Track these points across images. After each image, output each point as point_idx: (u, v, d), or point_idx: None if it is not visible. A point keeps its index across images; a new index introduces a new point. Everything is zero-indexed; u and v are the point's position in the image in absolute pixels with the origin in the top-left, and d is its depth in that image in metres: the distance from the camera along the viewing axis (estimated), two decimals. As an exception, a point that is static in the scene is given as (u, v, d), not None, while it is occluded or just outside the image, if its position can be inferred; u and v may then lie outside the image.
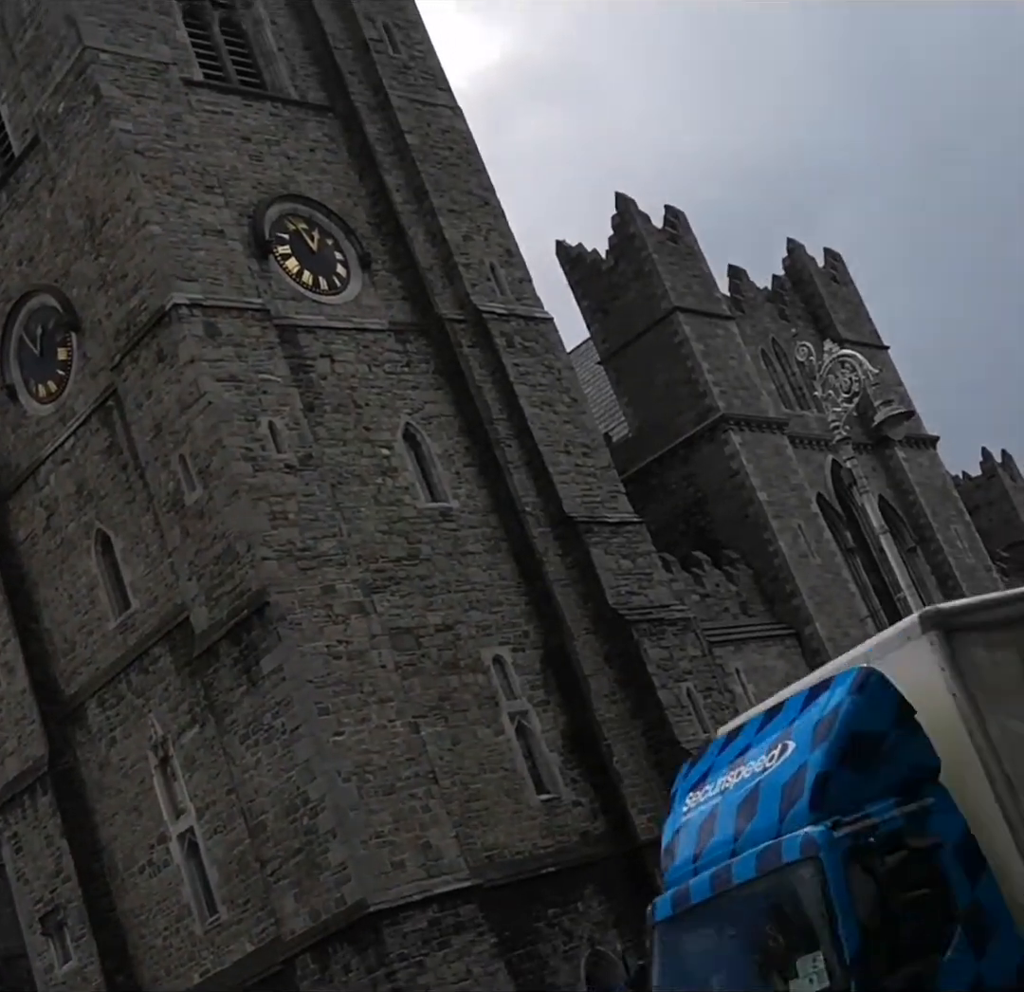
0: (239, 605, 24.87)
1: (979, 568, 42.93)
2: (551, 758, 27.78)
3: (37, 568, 29.60)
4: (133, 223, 26.93)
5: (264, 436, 25.92)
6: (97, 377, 28.20)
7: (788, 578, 36.08)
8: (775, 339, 41.02)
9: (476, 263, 31.61)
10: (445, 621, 27.50)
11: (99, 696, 28.26)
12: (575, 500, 30.08)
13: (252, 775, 24.50)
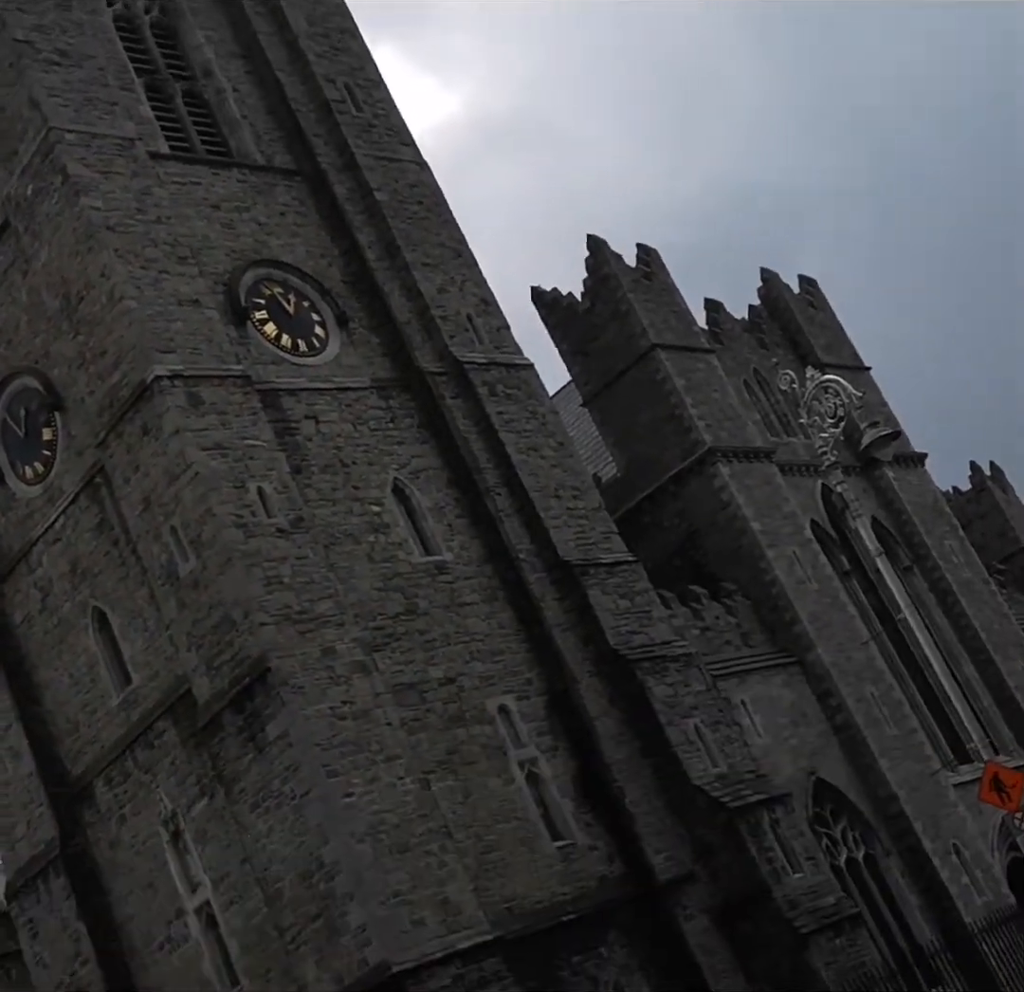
0: (240, 673, 24.83)
1: (976, 582, 42.91)
2: (563, 804, 27.68)
3: (35, 650, 29.53)
4: (109, 299, 27.06)
5: (253, 502, 25.96)
6: (83, 455, 28.24)
7: (787, 606, 36.03)
8: (756, 368, 41.13)
9: (453, 314, 31.75)
10: (447, 674, 27.46)
11: (106, 774, 28.12)
12: (569, 544, 30.10)
13: (265, 843, 24.39)
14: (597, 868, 27.42)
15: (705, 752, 28.95)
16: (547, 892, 26.47)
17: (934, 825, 34.94)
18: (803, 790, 33.31)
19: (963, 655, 41.20)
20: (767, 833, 28.22)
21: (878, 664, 37.08)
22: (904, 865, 34.15)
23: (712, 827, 28.06)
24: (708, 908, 27.68)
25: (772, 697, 34.59)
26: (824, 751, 34.82)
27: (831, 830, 33.75)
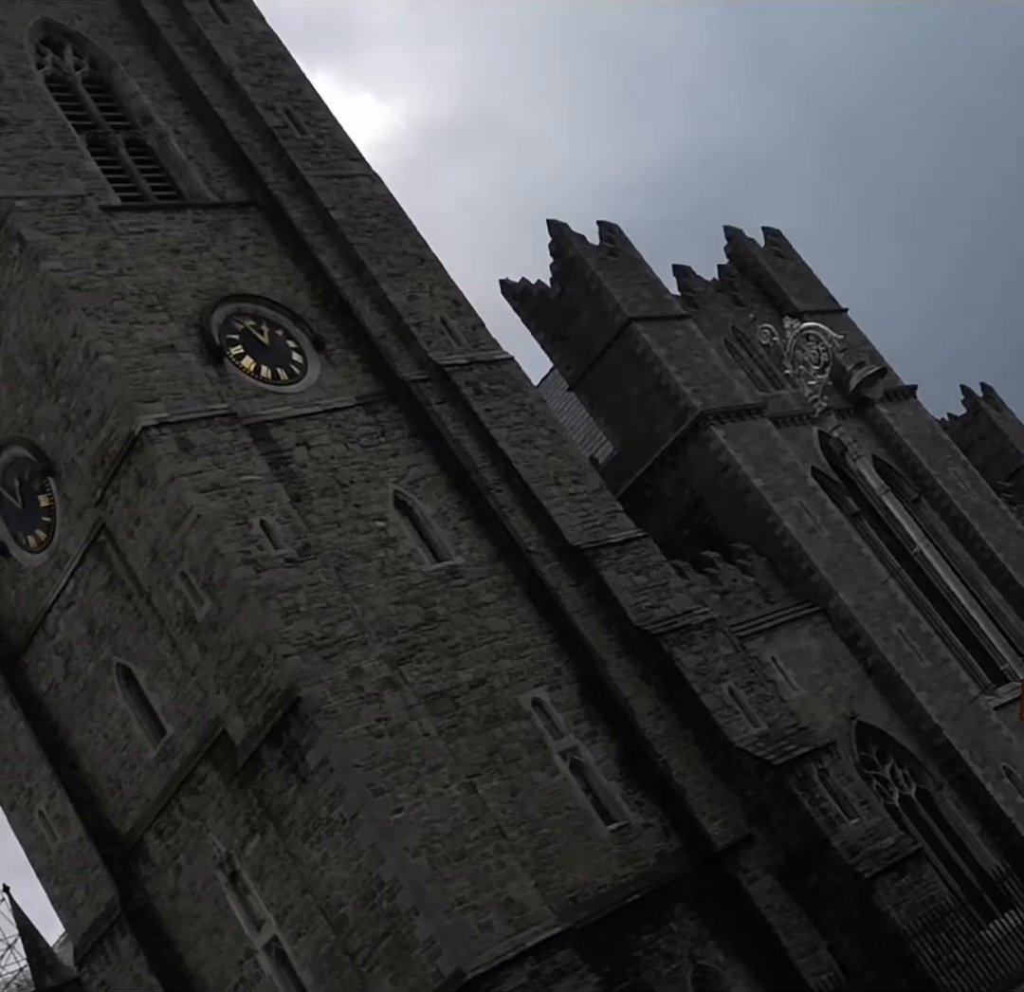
0: (272, 707, 24.96)
1: (986, 504, 42.94)
2: (611, 787, 27.79)
3: (66, 715, 29.67)
4: (85, 358, 27.17)
5: (259, 536, 26.07)
6: (83, 515, 28.35)
7: (802, 557, 36.09)
8: (735, 327, 41.14)
9: (427, 320, 31.80)
10: (476, 676, 27.57)
11: (155, 827, 28.29)
12: (576, 529, 30.17)
13: (322, 871, 24.53)
14: (654, 845, 27.54)
15: (743, 714, 29.05)
16: (608, 876, 26.60)
17: (981, 751, 35.03)
18: (846, 736, 33.41)
19: (983, 578, 41.25)
20: (817, 784, 28.31)
21: (901, 600, 37.15)
22: (958, 795, 34.25)
23: (762, 787, 28.16)
24: (770, 867, 27.81)
25: (801, 649, 34.68)
26: (861, 694, 34.91)
27: (880, 771, 33.85)
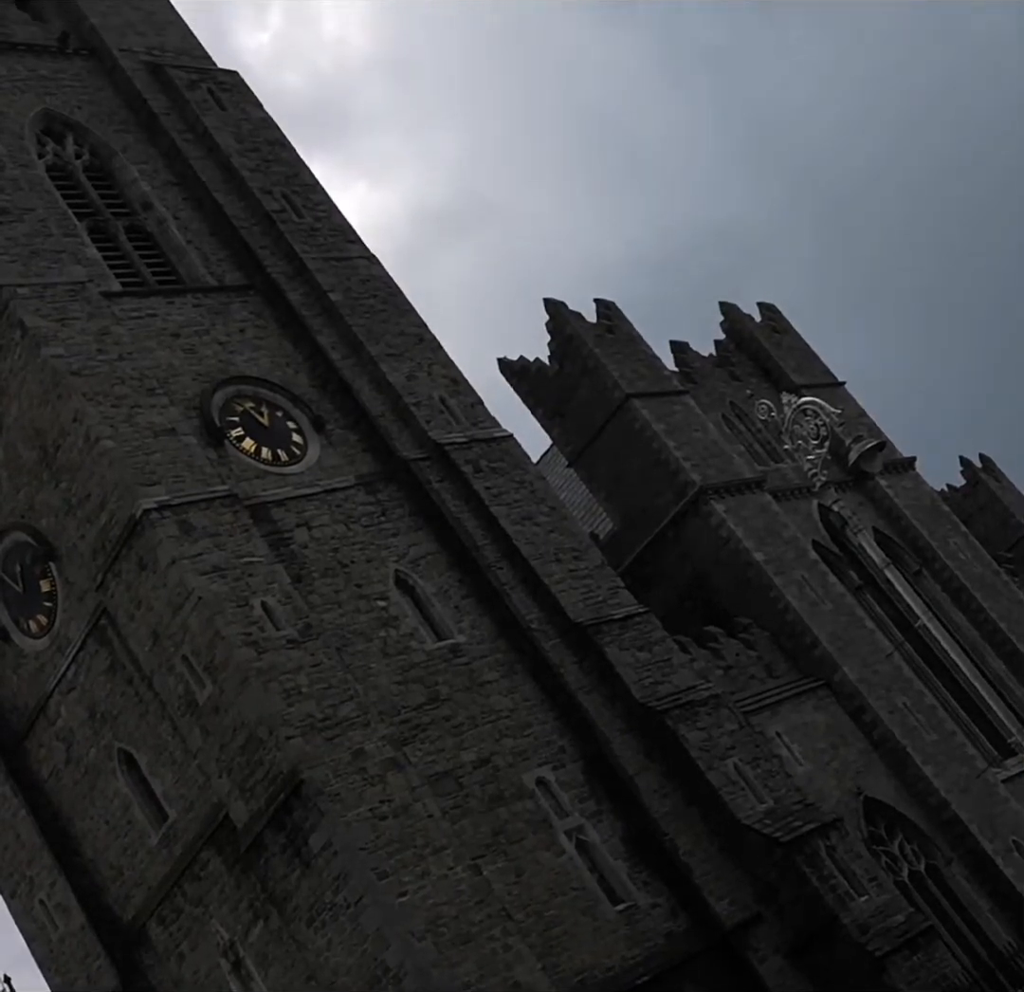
0: (275, 790, 24.81)
1: (987, 575, 42.92)
2: (617, 866, 27.55)
3: (68, 802, 29.48)
4: (85, 443, 27.27)
5: (260, 618, 26.04)
6: (84, 600, 28.33)
7: (805, 630, 36.04)
8: (732, 402, 41.36)
9: (425, 399, 31.96)
10: (480, 756, 27.42)
11: (158, 914, 28.01)
12: (578, 605, 30.14)
13: (327, 957, 24.27)
14: (663, 925, 27.25)
15: (749, 790, 28.86)
16: (617, 957, 26.30)
17: (990, 825, 34.78)
18: (854, 811, 33.19)
19: (987, 650, 41.15)
20: (825, 861, 28.06)
21: (905, 673, 37.04)
22: (967, 870, 33.97)
23: (770, 865, 27.90)
24: (779, 946, 27.49)
25: (806, 723, 34.53)
26: (868, 768, 34.72)
27: (889, 847, 33.59)
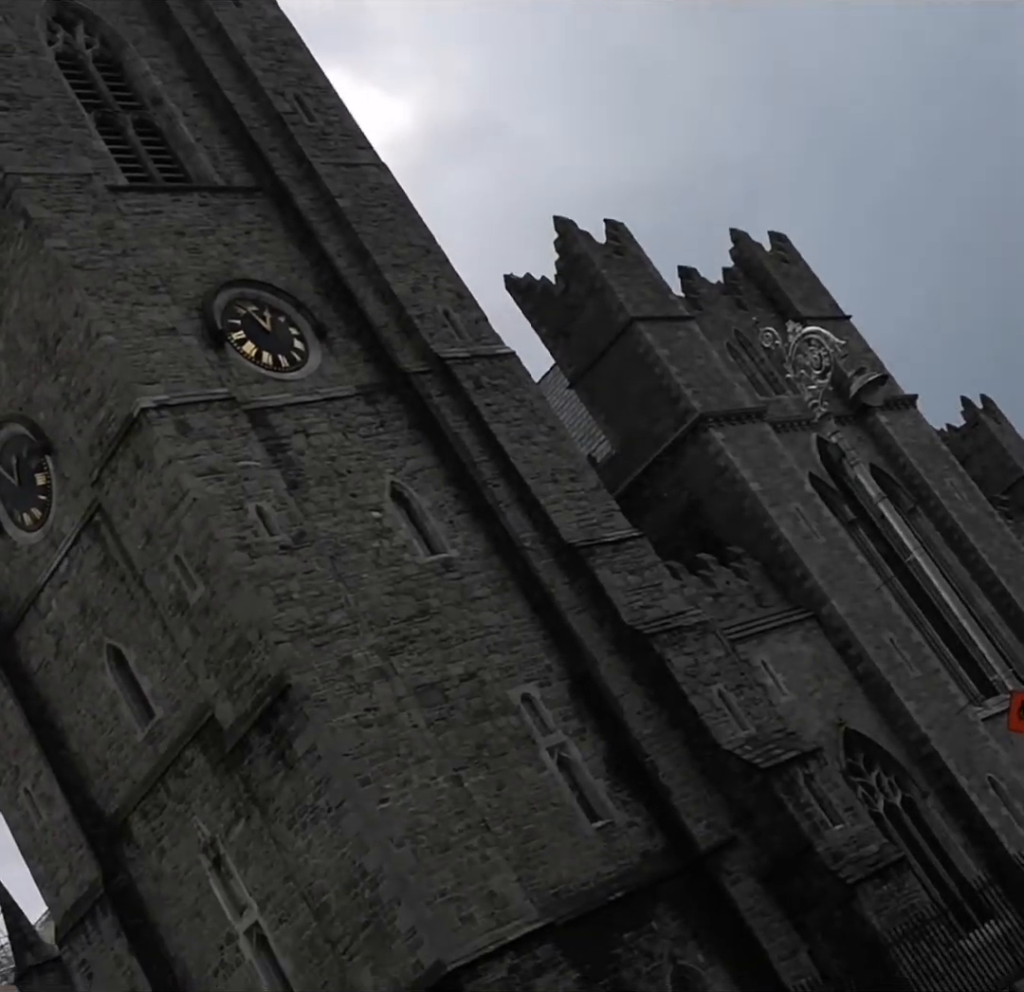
0: (261, 693, 24.93)
1: (982, 516, 42.97)
2: (597, 785, 27.77)
3: (56, 694, 29.63)
4: (86, 337, 27.11)
5: (254, 522, 26.04)
6: (79, 495, 28.30)
7: (796, 562, 36.11)
8: (737, 330, 41.15)
9: (429, 312, 31.75)
10: (467, 670, 27.54)
11: (141, 809, 28.25)
12: (572, 526, 30.15)
13: (306, 858, 24.52)
14: (639, 844, 27.53)
15: (732, 717, 29.06)
16: (592, 873, 26.58)
17: (968, 762, 35.07)
18: (834, 742, 33.44)
19: (977, 591, 41.30)
20: (803, 789, 28.32)
21: (893, 609, 37.18)
22: (942, 804, 34.29)
23: (748, 790, 28.16)
24: (753, 870, 27.79)
25: (792, 654, 34.71)
26: (850, 701, 34.94)
27: (866, 778, 33.88)
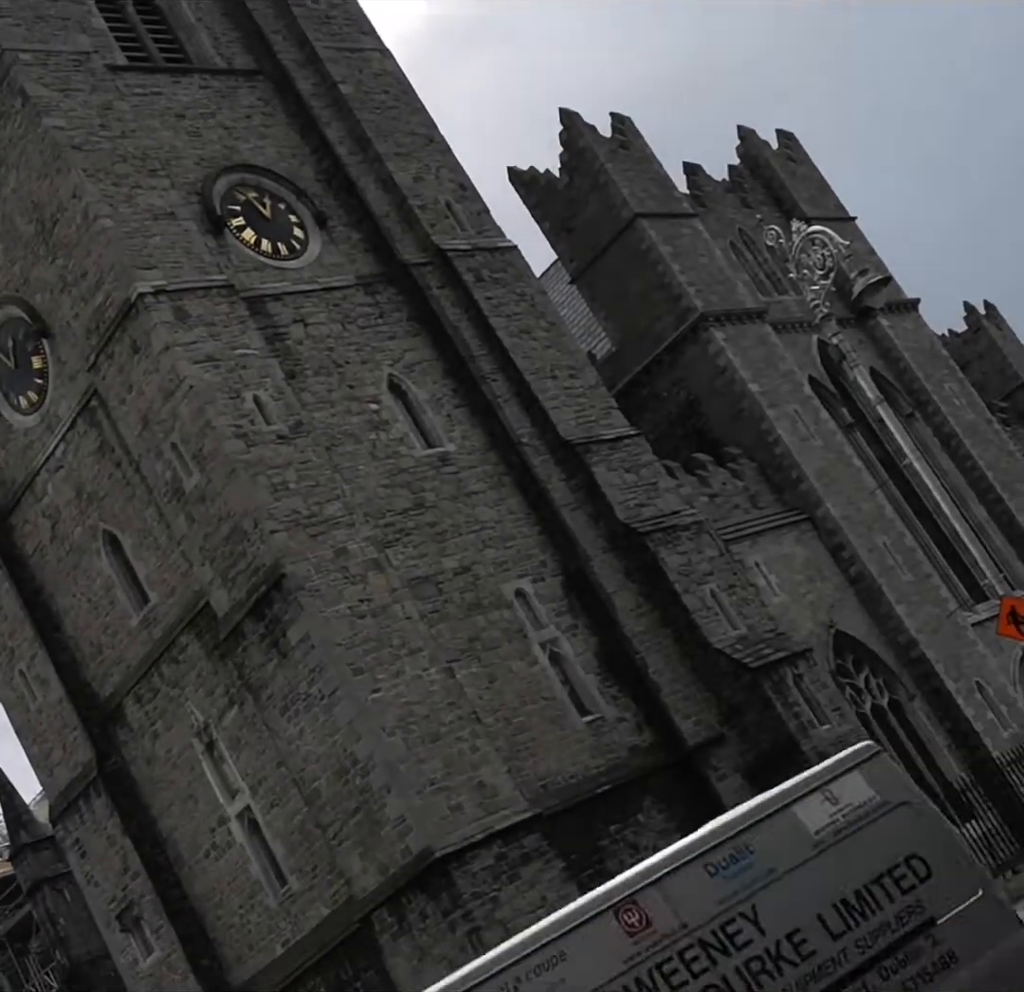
0: (256, 581, 25.03)
1: (980, 422, 42.92)
2: (588, 680, 27.99)
3: (51, 578, 29.77)
4: (83, 220, 26.80)
5: (251, 411, 25.95)
6: (76, 379, 28.17)
7: (792, 464, 36.10)
8: (741, 229, 40.74)
9: (431, 203, 31.39)
10: (461, 564, 27.63)
11: (135, 693, 28.52)
12: (569, 423, 30.08)
13: (298, 745, 24.78)
14: (627, 739, 27.81)
15: (723, 616, 29.20)
16: (580, 766, 26.88)
17: (956, 665, 35.35)
18: (824, 644, 33.67)
19: (971, 496, 41.35)
20: (791, 689, 28.54)
21: (888, 513, 37.26)
22: (929, 707, 34.62)
23: (737, 688, 28.39)
24: (740, 767, 28.11)
25: (785, 556, 34.83)
26: (841, 604, 35.13)
27: (854, 680, 34.16)
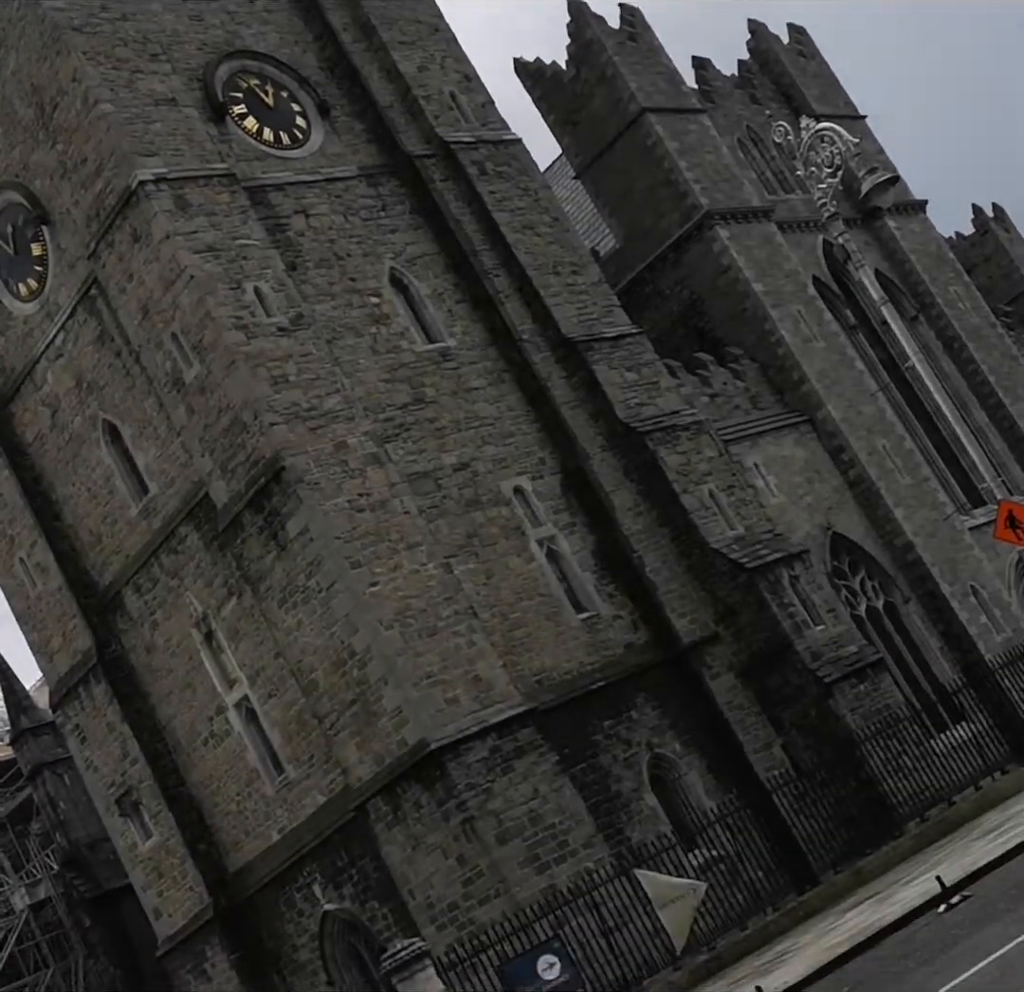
0: (255, 474, 25.07)
1: (984, 326, 42.64)
2: (585, 577, 28.14)
3: (51, 467, 29.81)
4: (83, 104, 26.48)
5: (252, 302, 25.82)
6: (75, 267, 27.97)
7: (794, 366, 35.89)
8: (749, 126, 40.13)
9: (436, 93, 30.96)
10: (461, 460, 27.65)
11: (134, 582, 28.71)
12: (571, 320, 29.91)
13: (296, 636, 24.98)
14: (622, 636, 28.01)
15: (721, 516, 29.28)
16: (575, 663, 27.12)
17: (951, 569, 35.50)
18: (820, 545, 33.75)
19: (973, 401, 41.24)
20: (787, 589, 28.70)
21: (888, 416, 37.17)
22: (923, 610, 34.80)
23: (733, 588, 28.55)
24: (733, 666, 28.37)
25: (785, 457, 34.78)
26: (839, 506, 35.16)
27: (850, 582, 34.30)
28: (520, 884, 23.27)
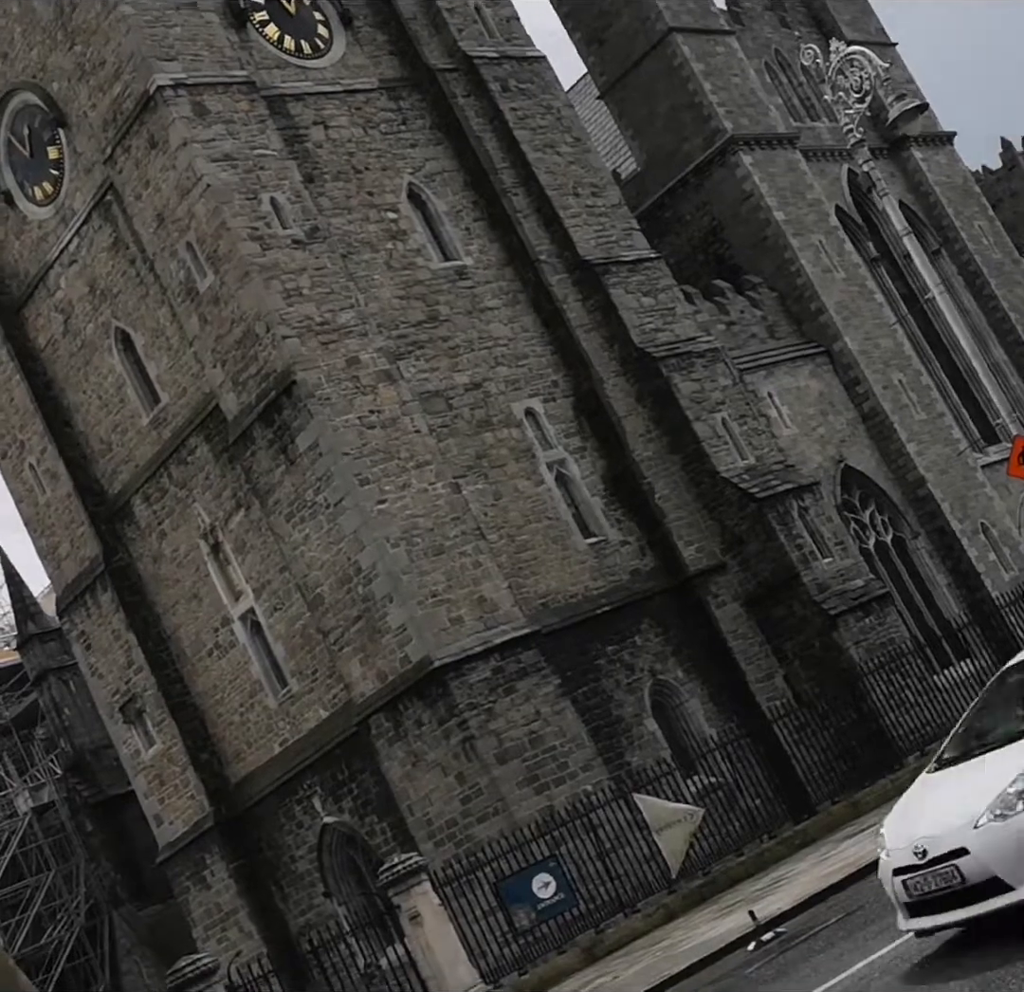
0: (267, 387, 24.95)
1: (1006, 263, 42.22)
2: (593, 502, 28.07)
3: (62, 373, 29.67)
4: (103, 5, 26.09)
5: (267, 213, 25.56)
6: (92, 172, 27.69)
7: (813, 296, 35.61)
8: (778, 50, 39.53)
9: (460, 6, 30.44)
10: (473, 380, 27.49)
11: (143, 492, 28.69)
12: (589, 242, 29.61)
13: (303, 551, 24.98)
14: (629, 562, 27.99)
15: (733, 445, 29.14)
16: (581, 587, 27.12)
17: (962, 506, 35.40)
18: (831, 478, 33.66)
19: (992, 337, 40.91)
20: (796, 521, 28.63)
21: (906, 350, 36.91)
22: (932, 546, 34.76)
23: (742, 518, 28.49)
24: (739, 596, 28.37)
25: (799, 388, 34.60)
26: (852, 439, 35.03)
27: (860, 515, 34.24)
28: (518, 803, 23.42)
